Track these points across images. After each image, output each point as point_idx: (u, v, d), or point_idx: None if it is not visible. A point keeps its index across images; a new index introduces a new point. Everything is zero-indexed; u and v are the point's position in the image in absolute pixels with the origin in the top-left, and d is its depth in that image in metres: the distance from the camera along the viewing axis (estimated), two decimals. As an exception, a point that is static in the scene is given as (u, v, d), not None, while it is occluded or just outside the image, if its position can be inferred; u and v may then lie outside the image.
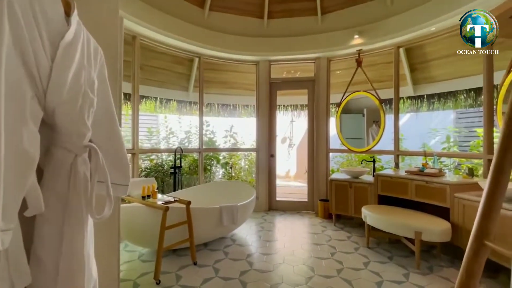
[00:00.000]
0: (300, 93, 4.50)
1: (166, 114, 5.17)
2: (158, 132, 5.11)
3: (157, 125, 5.38)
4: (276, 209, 4.17)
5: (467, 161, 3.60)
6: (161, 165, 4.53)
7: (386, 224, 2.47)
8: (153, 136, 4.93)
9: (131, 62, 3.22)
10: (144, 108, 4.90)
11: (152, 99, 4.21)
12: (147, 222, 2.24)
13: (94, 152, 0.85)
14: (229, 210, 2.55)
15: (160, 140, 4.98)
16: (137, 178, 2.66)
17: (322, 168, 3.99)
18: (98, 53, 0.99)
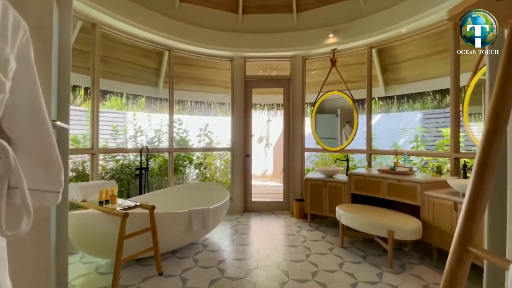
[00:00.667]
0: (276, 92, 4.43)
1: (134, 112, 4.85)
2: (125, 131, 4.75)
3: (125, 123, 5.01)
4: (252, 210, 4.05)
5: (433, 159, 3.76)
6: (128, 166, 4.20)
7: (360, 224, 2.45)
8: (119, 134, 4.57)
9: (91, 53, 2.91)
10: (110, 105, 4.54)
11: (118, 95, 3.89)
12: (105, 231, 2.00)
13: (2, 150, 0.65)
14: (200, 215, 2.38)
15: (128, 139, 4.63)
16: (94, 181, 2.39)
17: (298, 168, 3.95)
18: (19, 28, 0.78)
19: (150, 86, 3.92)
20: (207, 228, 2.46)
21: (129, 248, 2.01)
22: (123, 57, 3.50)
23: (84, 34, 2.96)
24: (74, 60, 3.08)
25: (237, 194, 3.97)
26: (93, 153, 2.83)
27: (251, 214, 3.88)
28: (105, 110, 4.91)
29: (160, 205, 2.99)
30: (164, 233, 2.20)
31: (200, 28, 3.58)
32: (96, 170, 2.85)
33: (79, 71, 3.10)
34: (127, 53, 3.51)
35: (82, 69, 3.03)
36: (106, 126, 4.74)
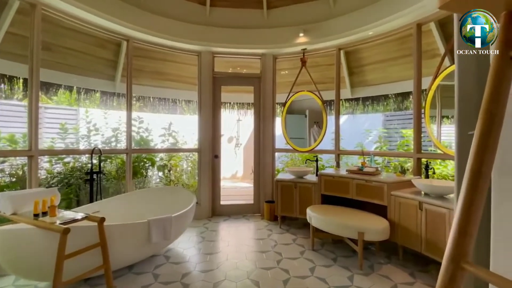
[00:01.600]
0: (247, 90, 4.28)
1: (87, 108, 4.33)
2: (77, 129, 4.21)
3: (77, 121, 4.47)
4: (220, 215, 3.85)
5: (395, 159, 3.93)
6: (80, 169, 3.72)
7: (331, 226, 2.42)
8: (69, 134, 4.04)
9: (29, 39, 2.48)
10: (59, 100, 4.01)
11: (67, 89, 3.42)
12: (42, 249, 1.66)
13: None
14: (160, 224, 2.13)
15: (79, 139, 4.12)
16: (29, 190, 2.00)
17: (268, 169, 3.85)
18: None
19: (105, 79, 3.51)
20: (169, 238, 2.22)
21: (74, 267, 1.71)
22: (73, 46, 3.07)
23: (20, 15, 2.51)
24: (10, 47, 2.61)
25: (205, 198, 3.75)
26: (31, 155, 2.40)
27: (220, 219, 3.68)
28: (52, 106, 4.34)
29: (116, 213, 2.66)
30: (118, 247, 1.93)
31: (164, 18, 3.28)
32: (35, 175, 2.42)
33: (16, 59, 2.63)
34: (77, 41, 3.09)
35: (22, 57, 2.57)
36: (54, 124, 4.18)
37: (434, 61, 2.79)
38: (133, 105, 4.00)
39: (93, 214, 1.82)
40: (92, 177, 2.75)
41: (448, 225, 1.93)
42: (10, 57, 2.66)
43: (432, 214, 2.06)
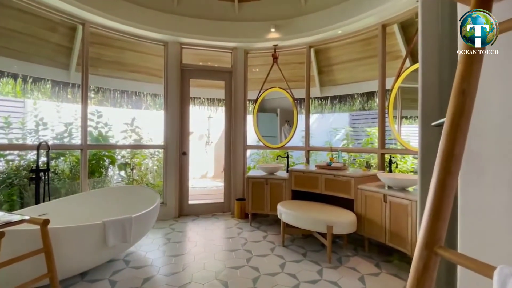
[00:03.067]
0: (217, 85, 4.15)
1: (36, 100, 3.86)
2: (22, 123, 3.72)
3: (24, 114, 3.97)
4: (188, 215, 3.67)
5: (359, 156, 4.11)
6: (26, 168, 3.28)
7: (301, 221, 2.41)
8: (13, 128, 3.55)
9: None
10: (3, 90, 3.54)
11: (11, 76, 3.00)
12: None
13: None
14: (118, 226, 1.93)
15: (26, 134, 3.64)
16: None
17: (239, 166, 3.76)
18: None
19: (58, 68, 3.14)
20: (128, 241, 2.02)
21: (13, 277, 1.46)
22: (18, 28, 2.69)
23: None
24: None
25: (171, 197, 3.54)
26: (-43, 150, 2.03)
27: (188, 219, 3.51)
28: None
29: (68, 216, 2.38)
30: (67, 252, 1.70)
31: (126, 3, 3.02)
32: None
33: None
34: (23, 23, 2.71)
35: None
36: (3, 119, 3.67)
37: (397, 63, 2.93)
38: (93, 98, 3.66)
39: (37, 217, 1.58)
40: (39, 175, 2.41)
41: (410, 216, 2.02)
42: None
43: (395, 205, 2.14)
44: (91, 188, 3.50)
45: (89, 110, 3.12)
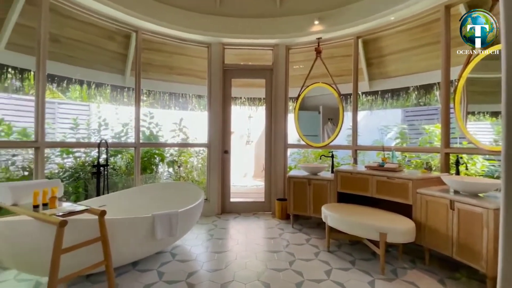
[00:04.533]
0: (258, 84, 4.13)
1: (98, 103, 4.37)
2: (88, 124, 4.20)
3: (89, 116, 4.49)
4: (230, 212, 3.72)
5: (416, 157, 3.66)
6: (90, 164, 3.69)
7: (349, 226, 2.21)
8: (80, 128, 4.04)
9: (37, 29, 2.43)
10: (73, 96, 4.06)
11: (77, 82, 3.39)
12: (41, 242, 1.57)
13: None
14: (165, 220, 2.01)
15: (91, 134, 4.10)
16: (31, 181, 1.93)
17: (280, 165, 3.67)
18: None
19: (115, 73, 3.46)
20: (175, 235, 2.10)
21: (76, 262, 1.61)
22: (81, 38, 3.03)
23: (33, 6, 2.47)
24: (20, 38, 2.58)
25: (214, 194, 3.62)
26: (37, 146, 2.35)
27: (229, 216, 3.55)
28: (66, 101, 4.41)
29: (122, 208, 2.58)
30: (121, 243, 1.82)
31: (173, 8, 3.18)
32: (41, 166, 2.37)
33: (27, 52, 2.59)
34: (86, 33, 3.04)
35: (32, 49, 2.53)
36: (68, 119, 4.24)
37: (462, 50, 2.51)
38: (145, 100, 3.98)
39: (96, 208, 1.72)
40: (99, 170, 2.68)
41: (486, 227, 1.69)
42: (20, 50, 2.63)
43: (466, 214, 1.82)
44: (144, 183, 3.78)
45: (142, 112, 3.38)
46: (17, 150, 3.09)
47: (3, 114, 3.30)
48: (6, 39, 2.47)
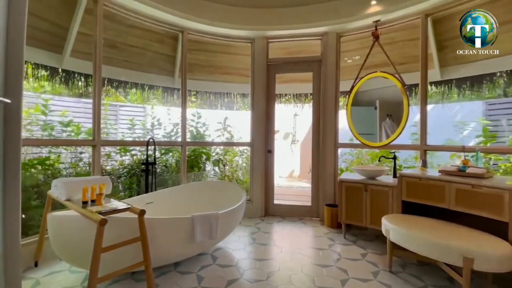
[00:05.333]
0: (304, 79, 3.84)
1: (153, 105, 4.70)
2: (144, 124, 4.50)
3: (145, 117, 4.82)
4: (274, 215, 3.52)
5: (505, 159, 2.90)
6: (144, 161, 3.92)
7: (419, 245, 1.79)
8: (136, 128, 4.35)
9: (93, 35, 2.61)
10: (132, 99, 4.42)
11: (133, 85, 3.62)
12: (89, 237, 1.61)
13: None
14: (205, 221, 1.91)
15: (146, 133, 4.39)
16: (83, 177, 2.04)
17: (329, 167, 3.32)
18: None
19: (165, 75, 3.59)
20: (215, 238, 1.99)
21: (119, 260, 1.62)
22: (135, 43, 3.19)
23: (90, 15, 2.67)
24: (82, 46, 2.83)
25: (257, 195, 3.47)
26: (94, 144, 2.53)
27: (273, 220, 3.35)
28: (126, 104, 4.84)
29: (167, 205, 2.61)
30: (161, 243, 1.78)
31: (216, 4, 3.13)
32: (97, 163, 2.54)
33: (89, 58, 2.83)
34: (139, 38, 3.20)
35: (83, 54, 2.75)
36: (126, 120, 4.63)
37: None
38: (194, 101, 4.08)
39: (136, 207, 1.71)
40: (148, 168, 2.76)
41: None
42: (83, 56, 2.88)
43: None
44: (191, 181, 3.86)
45: (190, 112, 3.43)
46: (83, 148, 3.43)
47: (73, 116, 3.72)
48: (71, 47, 2.72)
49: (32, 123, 3.23)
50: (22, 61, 1.18)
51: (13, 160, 1.12)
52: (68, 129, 3.32)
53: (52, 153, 3.10)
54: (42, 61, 2.67)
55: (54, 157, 3.06)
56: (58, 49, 2.73)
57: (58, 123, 3.23)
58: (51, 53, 2.71)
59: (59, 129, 3.25)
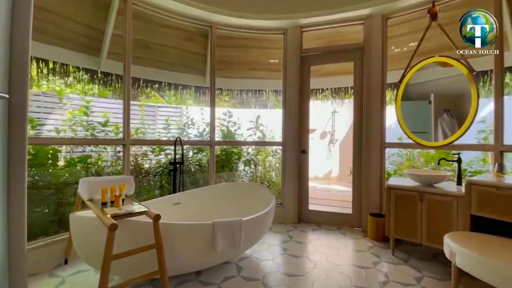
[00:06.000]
0: (344, 71, 3.45)
1: (187, 105, 4.77)
2: (178, 124, 4.56)
3: (180, 117, 4.91)
4: (308, 222, 3.20)
5: None
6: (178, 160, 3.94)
7: (499, 275, 1.35)
8: (171, 128, 4.42)
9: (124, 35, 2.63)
10: (170, 100, 4.55)
11: (167, 86, 3.64)
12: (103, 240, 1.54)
13: None
14: (227, 229, 1.72)
15: (180, 133, 4.44)
16: (106, 177, 2.00)
17: (374, 170, 2.88)
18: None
19: (197, 74, 3.53)
20: (238, 248, 1.78)
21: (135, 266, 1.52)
22: (167, 42, 3.18)
23: (121, 16, 2.71)
24: (116, 48, 2.89)
25: (290, 199, 3.18)
26: (123, 144, 2.53)
27: (307, 227, 3.03)
28: (163, 104, 5.00)
29: (191, 207, 2.50)
30: (179, 250, 1.64)
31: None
32: (127, 162, 2.54)
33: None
34: (170, 37, 3.18)
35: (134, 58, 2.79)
36: (161, 120, 4.75)
37: None
38: (227, 101, 3.99)
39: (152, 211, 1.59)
40: (175, 167, 2.69)
41: None
42: (117, 58, 2.93)
43: None
44: (224, 181, 3.76)
45: (221, 111, 3.32)
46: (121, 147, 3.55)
47: (113, 116, 3.93)
48: (107, 49, 2.78)
49: (77, 124, 3.46)
50: (27, 57, 1.12)
51: (18, 161, 1.06)
52: (107, 129, 3.47)
53: (93, 152, 3.26)
54: (83, 64, 2.78)
55: (96, 155, 3.20)
56: (96, 51, 2.81)
57: (97, 124, 3.40)
58: (89, 56, 2.80)
59: (99, 129, 3.41)
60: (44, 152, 2.71)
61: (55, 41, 2.42)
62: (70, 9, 2.45)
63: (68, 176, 2.91)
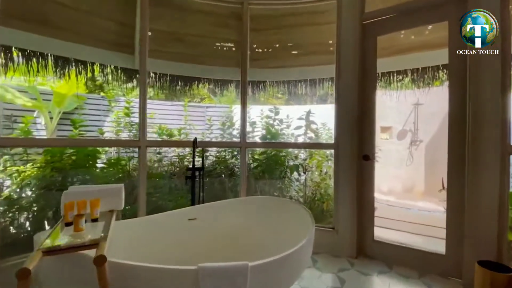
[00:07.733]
0: (431, 43, 2.39)
1: (232, 104, 4.47)
2: (224, 124, 4.23)
3: (226, 117, 4.65)
4: (373, 257, 2.26)
5: None
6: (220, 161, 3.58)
7: None
8: (213, 128, 4.14)
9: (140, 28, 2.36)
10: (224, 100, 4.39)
11: (205, 81, 3.32)
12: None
13: None
14: (222, 280, 1.11)
15: (223, 133, 4.11)
16: (86, 186, 1.66)
17: (489, 188, 1.76)
18: None
19: (234, 67, 3.06)
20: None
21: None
22: (200, 31, 2.82)
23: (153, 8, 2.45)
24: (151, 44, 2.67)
25: (346, 223, 2.32)
26: (139, 145, 2.24)
27: (371, 267, 2.11)
28: (214, 104, 4.86)
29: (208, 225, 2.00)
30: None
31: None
32: (143, 164, 2.24)
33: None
34: (204, 24, 2.80)
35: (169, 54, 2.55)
36: (204, 120, 4.54)
37: None
38: (280, 98, 3.46)
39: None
40: (194, 174, 2.23)
41: None
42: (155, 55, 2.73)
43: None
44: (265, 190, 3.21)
45: (267, 108, 2.79)
46: (161, 148, 3.41)
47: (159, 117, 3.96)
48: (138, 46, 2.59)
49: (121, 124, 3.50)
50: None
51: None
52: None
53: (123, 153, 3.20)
54: (120, 64, 2.64)
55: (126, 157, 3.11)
56: (130, 49, 2.65)
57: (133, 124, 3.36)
58: (123, 55, 2.66)
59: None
60: (82, 153, 2.69)
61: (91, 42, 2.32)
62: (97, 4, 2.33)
63: (109, 176, 2.87)
